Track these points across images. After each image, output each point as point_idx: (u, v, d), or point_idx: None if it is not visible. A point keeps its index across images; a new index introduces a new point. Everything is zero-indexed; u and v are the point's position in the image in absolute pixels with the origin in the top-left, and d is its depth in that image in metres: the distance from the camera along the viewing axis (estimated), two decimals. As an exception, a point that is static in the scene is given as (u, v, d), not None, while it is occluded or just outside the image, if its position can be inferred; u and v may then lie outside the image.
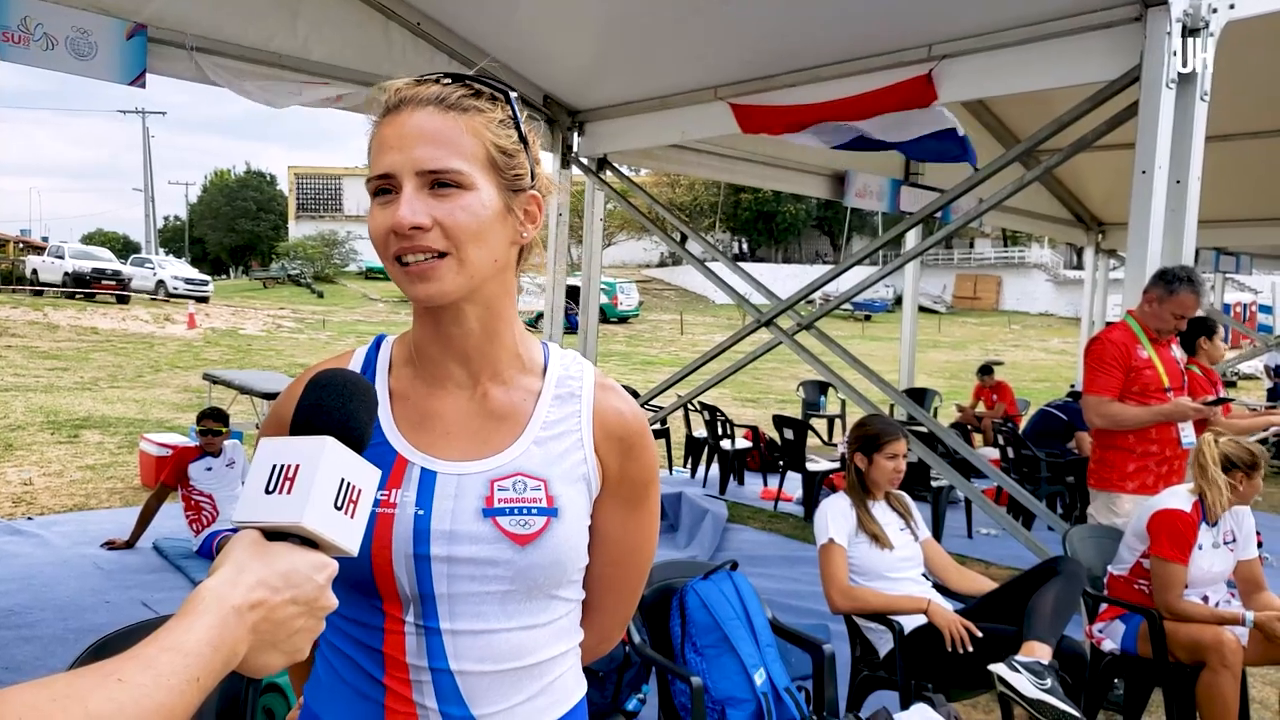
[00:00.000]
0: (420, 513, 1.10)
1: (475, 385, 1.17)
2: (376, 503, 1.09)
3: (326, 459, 0.90)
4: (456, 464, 1.13)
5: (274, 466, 0.91)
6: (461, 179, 1.06)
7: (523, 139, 1.14)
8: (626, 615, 1.34)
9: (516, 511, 1.11)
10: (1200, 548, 3.46)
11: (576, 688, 1.24)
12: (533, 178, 1.15)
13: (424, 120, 1.07)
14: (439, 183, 1.06)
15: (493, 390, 1.17)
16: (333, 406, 0.95)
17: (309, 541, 0.89)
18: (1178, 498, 3.51)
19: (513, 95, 1.15)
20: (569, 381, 1.20)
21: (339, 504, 0.90)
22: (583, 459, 1.17)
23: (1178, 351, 4.30)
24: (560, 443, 1.16)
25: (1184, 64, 4.17)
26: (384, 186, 1.08)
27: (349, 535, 0.91)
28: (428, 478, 1.12)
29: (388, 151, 1.07)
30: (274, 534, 0.89)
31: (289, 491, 0.89)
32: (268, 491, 0.90)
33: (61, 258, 29.98)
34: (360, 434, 0.95)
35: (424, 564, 1.09)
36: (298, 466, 0.90)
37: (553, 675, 1.18)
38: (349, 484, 0.91)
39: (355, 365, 1.22)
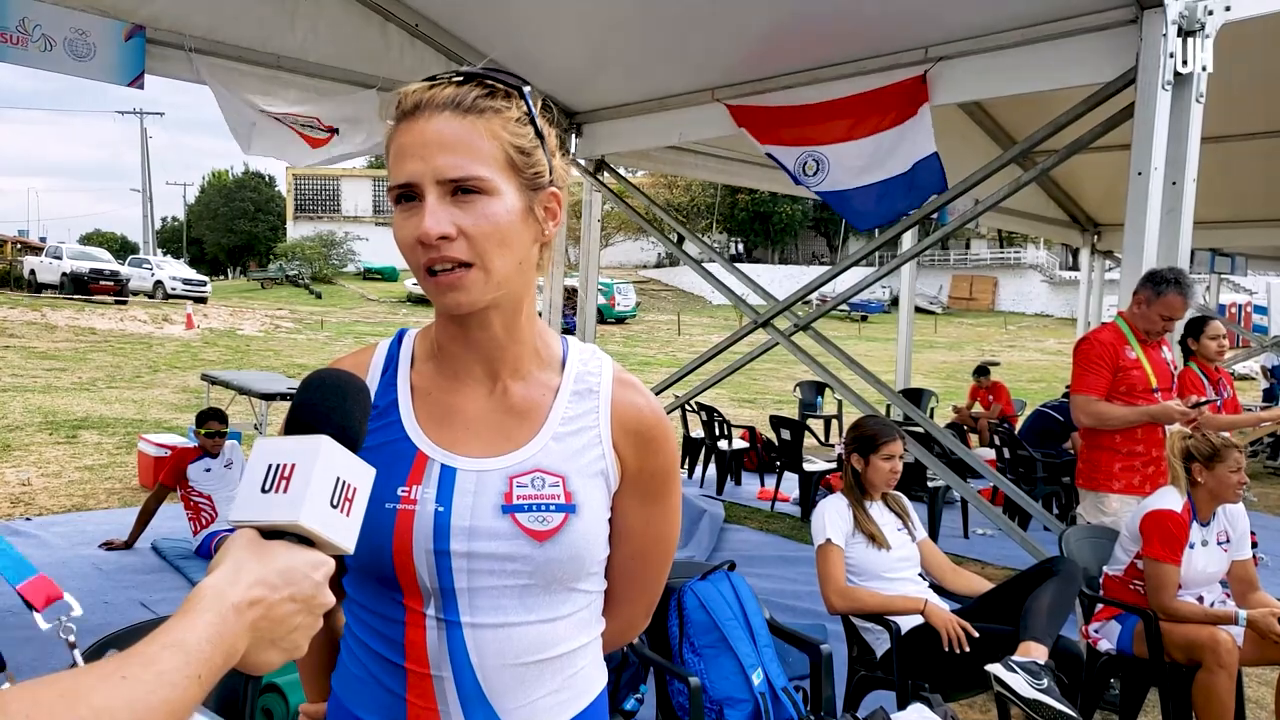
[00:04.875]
0: (440, 509, 1.11)
1: (495, 381, 1.18)
2: (398, 499, 1.11)
3: (322, 458, 0.90)
4: (476, 460, 1.14)
5: (270, 466, 0.91)
6: (483, 185, 1.06)
7: (538, 134, 1.13)
8: (651, 604, 1.35)
9: (535, 508, 1.12)
10: (1192, 546, 3.48)
11: (598, 678, 1.25)
12: (550, 171, 1.14)
13: (442, 126, 1.06)
14: (461, 189, 1.06)
15: (512, 386, 1.17)
16: (328, 406, 0.96)
17: (306, 540, 0.90)
18: (1168, 498, 3.52)
19: (526, 89, 1.14)
20: (588, 377, 1.21)
21: (335, 502, 0.91)
22: (601, 455, 1.18)
23: (1168, 353, 4.32)
24: (578, 439, 1.17)
25: (1180, 65, 4.18)
26: (407, 195, 1.07)
27: (345, 534, 0.92)
28: (448, 474, 1.13)
29: (408, 160, 1.07)
30: (271, 533, 0.89)
31: (285, 490, 0.89)
32: (264, 490, 0.90)
33: (59, 258, 29.91)
34: (355, 433, 0.96)
35: (444, 559, 1.11)
36: (294, 465, 0.90)
37: (575, 668, 1.19)
38: (345, 483, 0.92)
39: (378, 359, 1.23)
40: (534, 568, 1.12)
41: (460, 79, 1.10)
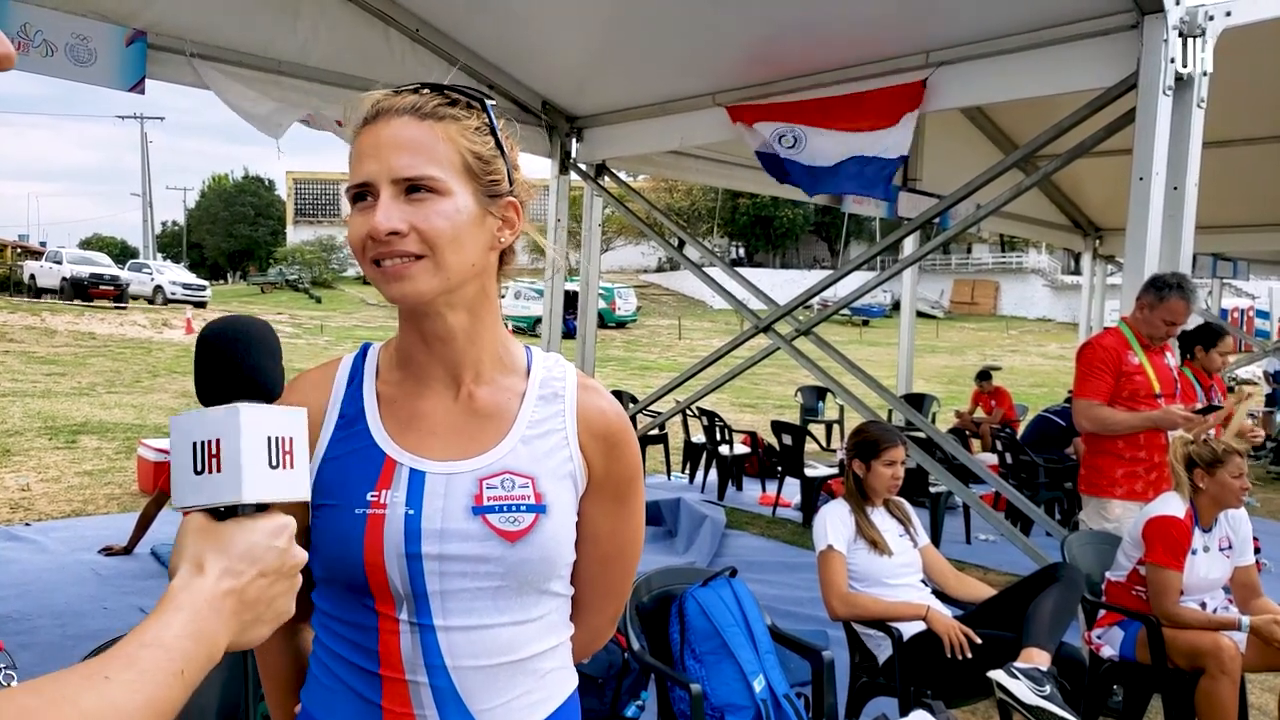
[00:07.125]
0: (410, 512, 1.12)
1: (459, 386, 1.19)
2: (368, 504, 1.12)
3: (245, 426, 0.87)
4: (445, 463, 1.15)
5: (194, 445, 0.88)
6: (436, 185, 1.09)
7: (499, 145, 1.16)
8: (616, 612, 1.36)
9: (505, 509, 1.13)
10: (1195, 553, 3.47)
11: (568, 681, 1.26)
12: (510, 183, 1.17)
13: (400, 129, 1.10)
14: (414, 188, 1.08)
15: (477, 391, 1.19)
16: (234, 366, 0.92)
17: (259, 505, 0.88)
18: (1171, 504, 3.51)
19: (489, 102, 1.17)
20: (552, 382, 1.23)
21: (274, 462, 0.88)
22: (568, 456, 1.19)
23: (1171, 359, 4.31)
24: (546, 441, 1.19)
25: (1181, 70, 4.19)
26: (362, 193, 1.11)
27: (294, 487, 0.90)
28: (416, 478, 1.14)
29: (365, 161, 1.10)
30: (221, 511, 0.87)
31: (219, 469, 0.87)
32: (197, 473, 0.87)
33: (59, 263, 29.96)
34: (272, 382, 0.94)
35: (416, 563, 1.11)
36: (218, 441, 0.87)
37: (545, 669, 1.21)
38: (277, 438, 0.89)
39: (343, 372, 1.24)
40: (506, 569, 1.13)
41: (425, 89, 1.13)
